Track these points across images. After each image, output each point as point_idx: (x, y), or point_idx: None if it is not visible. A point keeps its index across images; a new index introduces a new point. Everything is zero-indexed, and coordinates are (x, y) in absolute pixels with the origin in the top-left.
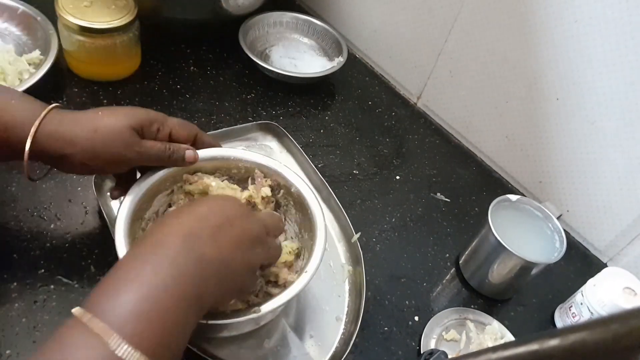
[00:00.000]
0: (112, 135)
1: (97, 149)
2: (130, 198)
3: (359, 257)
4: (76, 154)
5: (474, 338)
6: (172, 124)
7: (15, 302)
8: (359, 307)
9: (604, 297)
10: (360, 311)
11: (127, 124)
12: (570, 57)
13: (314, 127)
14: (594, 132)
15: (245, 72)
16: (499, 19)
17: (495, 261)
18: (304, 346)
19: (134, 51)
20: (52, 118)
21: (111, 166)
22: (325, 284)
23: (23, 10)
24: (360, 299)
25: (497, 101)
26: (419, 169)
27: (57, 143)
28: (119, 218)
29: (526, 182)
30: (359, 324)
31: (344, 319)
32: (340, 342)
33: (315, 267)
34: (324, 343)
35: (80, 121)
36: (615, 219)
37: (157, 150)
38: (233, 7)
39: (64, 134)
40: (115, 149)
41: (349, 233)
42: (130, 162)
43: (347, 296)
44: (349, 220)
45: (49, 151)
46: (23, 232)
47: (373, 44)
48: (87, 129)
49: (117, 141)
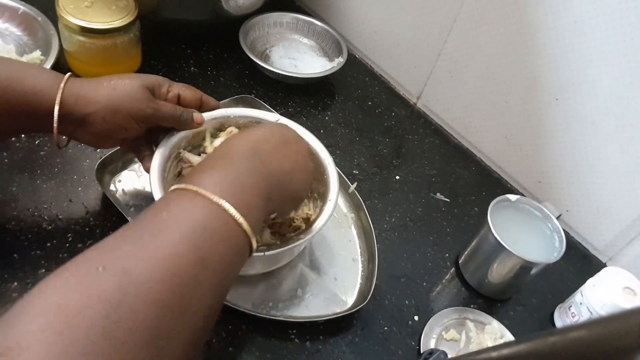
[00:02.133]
0: (130, 92)
1: (116, 104)
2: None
3: (360, 204)
4: (99, 111)
5: (474, 338)
6: (179, 86)
7: (15, 302)
8: (371, 246)
9: (603, 297)
10: (374, 250)
11: (141, 83)
12: (570, 57)
13: (314, 127)
14: (593, 132)
15: (245, 72)
16: (498, 19)
17: (494, 261)
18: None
19: (134, 51)
20: (73, 82)
21: (130, 123)
22: (334, 232)
23: (24, 11)
24: (370, 239)
25: (497, 101)
26: (419, 169)
27: (81, 102)
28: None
29: (526, 182)
30: (376, 262)
31: (360, 259)
32: (362, 279)
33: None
34: (348, 282)
35: (99, 83)
36: (614, 219)
37: (170, 108)
38: (233, 7)
39: (87, 94)
40: (133, 104)
41: (345, 185)
42: (147, 119)
43: (357, 239)
44: (342, 174)
45: (73, 112)
46: (23, 232)
47: (373, 44)
48: (107, 88)
49: (135, 97)
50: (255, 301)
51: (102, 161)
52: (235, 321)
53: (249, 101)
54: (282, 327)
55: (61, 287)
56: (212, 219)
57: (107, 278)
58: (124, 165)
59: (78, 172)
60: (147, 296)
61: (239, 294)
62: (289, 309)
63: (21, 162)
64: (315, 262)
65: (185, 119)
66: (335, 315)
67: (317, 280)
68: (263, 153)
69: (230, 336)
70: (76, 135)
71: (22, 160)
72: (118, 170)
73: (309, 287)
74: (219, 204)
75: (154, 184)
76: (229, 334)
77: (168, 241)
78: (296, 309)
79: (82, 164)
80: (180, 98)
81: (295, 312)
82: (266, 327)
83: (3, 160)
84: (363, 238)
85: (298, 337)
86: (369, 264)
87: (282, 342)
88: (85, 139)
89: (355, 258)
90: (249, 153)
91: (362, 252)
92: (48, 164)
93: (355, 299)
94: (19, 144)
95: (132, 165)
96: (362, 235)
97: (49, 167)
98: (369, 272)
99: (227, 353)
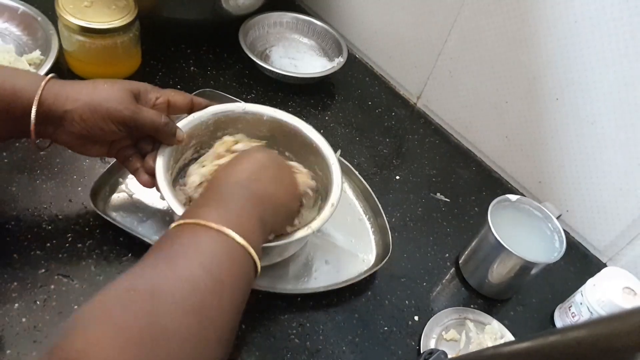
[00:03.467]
0: (110, 93)
1: (95, 102)
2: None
3: (349, 168)
4: (77, 108)
5: (474, 338)
6: (168, 92)
7: (15, 302)
8: (372, 203)
9: (603, 297)
10: (376, 205)
11: (123, 86)
12: (570, 57)
13: (313, 127)
14: (593, 132)
15: (245, 72)
16: (499, 19)
17: (495, 261)
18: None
19: (134, 51)
20: (54, 83)
21: (107, 124)
22: None
23: (23, 11)
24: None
25: (497, 101)
26: (419, 169)
27: (60, 99)
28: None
29: (526, 182)
30: (383, 215)
31: (365, 217)
32: (374, 234)
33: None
34: (363, 240)
35: (81, 83)
36: (614, 219)
37: (151, 114)
38: (233, 7)
39: (67, 93)
40: (112, 104)
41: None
42: (125, 122)
43: (356, 201)
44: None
45: (52, 110)
46: (23, 232)
47: (373, 44)
48: (87, 87)
49: (115, 98)
50: (286, 283)
51: (93, 188)
52: None
53: (207, 95)
54: (283, 327)
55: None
56: (221, 246)
57: (138, 297)
58: (112, 190)
59: (78, 172)
60: (176, 310)
61: (269, 277)
62: (318, 280)
63: (21, 162)
64: (326, 232)
65: (168, 130)
66: (365, 274)
67: (336, 248)
68: (252, 183)
69: None
70: (56, 137)
71: (21, 160)
72: (108, 195)
73: (330, 255)
74: (225, 232)
75: (168, 197)
76: None
77: (184, 266)
78: (326, 279)
79: (82, 164)
80: (170, 104)
81: (327, 282)
82: (266, 327)
83: (2, 160)
84: (362, 197)
85: (298, 337)
86: (377, 219)
87: (283, 341)
88: (66, 141)
89: (360, 218)
90: (240, 185)
91: (365, 210)
92: (48, 164)
93: (376, 254)
94: (18, 144)
95: (119, 187)
96: (360, 195)
97: (49, 167)
98: (378, 226)
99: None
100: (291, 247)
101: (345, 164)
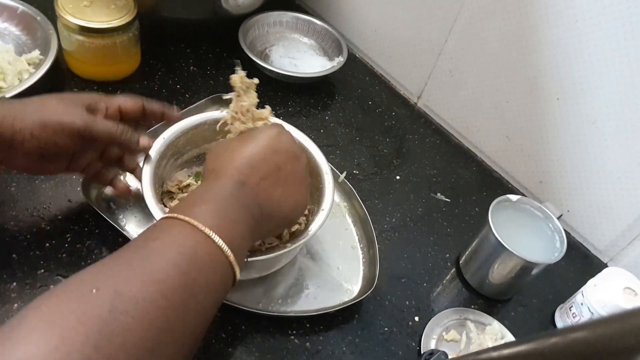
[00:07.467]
0: (59, 106)
1: (44, 118)
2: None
3: (352, 192)
4: (26, 127)
5: (474, 338)
6: (119, 99)
7: (15, 302)
8: (369, 232)
9: (604, 298)
10: (372, 235)
11: (73, 100)
12: (571, 57)
13: (314, 127)
14: (594, 132)
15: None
16: (499, 18)
17: (495, 261)
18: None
19: (133, 51)
20: (1, 104)
21: (61, 138)
22: (329, 222)
23: (23, 10)
24: (367, 225)
25: (498, 101)
26: (419, 169)
27: (7, 121)
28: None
29: (526, 182)
30: (376, 247)
31: (359, 246)
32: (364, 265)
33: (329, 204)
34: (351, 271)
35: (28, 101)
36: (615, 219)
37: (106, 124)
38: (233, 6)
39: (15, 113)
40: (63, 116)
41: (335, 175)
42: (79, 133)
43: (353, 227)
44: (331, 165)
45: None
46: (23, 232)
47: (373, 44)
48: (35, 104)
49: (65, 111)
50: (261, 300)
51: (93, 188)
52: (235, 321)
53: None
54: (282, 327)
55: (56, 305)
56: (200, 248)
57: (100, 298)
58: None
59: None
60: (137, 314)
61: (242, 294)
62: (295, 304)
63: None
64: (316, 254)
65: (126, 139)
66: (344, 305)
67: (321, 273)
68: (252, 183)
69: (229, 336)
70: (10, 161)
71: None
72: (108, 195)
73: (314, 280)
74: (207, 234)
75: (150, 203)
76: (228, 334)
77: (158, 266)
78: (304, 304)
79: None
80: (121, 112)
81: (303, 307)
82: (266, 327)
83: None
84: (359, 225)
85: (298, 338)
86: (369, 250)
87: (282, 342)
88: (21, 164)
89: (354, 246)
90: (237, 185)
91: (360, 239)
92: None
93: (361, 286)
94: None
95: None
96: (358, 223)
97: None
98: (370, 257)
99: (227, 353)
100: (280, 259)
101: (348, 187)
